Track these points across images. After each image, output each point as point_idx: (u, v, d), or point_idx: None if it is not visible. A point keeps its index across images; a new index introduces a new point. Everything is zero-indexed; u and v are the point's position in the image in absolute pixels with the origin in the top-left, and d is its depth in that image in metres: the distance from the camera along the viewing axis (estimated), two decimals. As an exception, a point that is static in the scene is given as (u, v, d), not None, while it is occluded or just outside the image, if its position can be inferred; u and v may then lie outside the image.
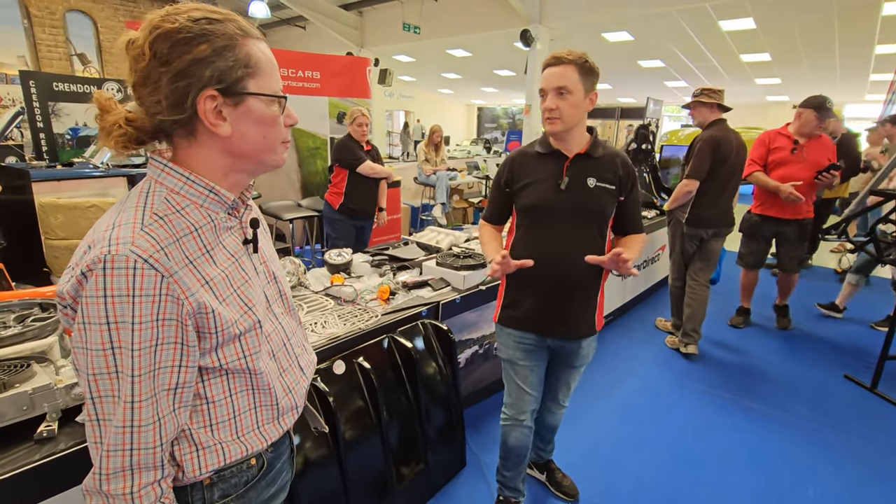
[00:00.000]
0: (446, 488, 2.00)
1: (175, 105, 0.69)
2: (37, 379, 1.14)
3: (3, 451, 1.04)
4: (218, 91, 0.70)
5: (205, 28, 0.68)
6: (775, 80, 12.04)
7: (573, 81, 1.40)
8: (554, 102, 1.41)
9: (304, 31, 12.18)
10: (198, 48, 0.68)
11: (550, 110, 1.42)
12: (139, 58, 0.67)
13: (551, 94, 1.42)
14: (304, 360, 0.95)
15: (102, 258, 0.62)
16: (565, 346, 1.61)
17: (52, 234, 3.53)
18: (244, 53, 0.71)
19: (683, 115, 18.53)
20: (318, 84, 4.87)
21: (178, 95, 0.68)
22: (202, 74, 0.68)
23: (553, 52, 1.44)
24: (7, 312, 1.42)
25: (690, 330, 3.18)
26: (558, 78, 1.40)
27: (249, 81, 0.72)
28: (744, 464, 2.21)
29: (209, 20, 0.69)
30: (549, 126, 1.45)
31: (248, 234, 0.83)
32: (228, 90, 0.70)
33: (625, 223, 1.59)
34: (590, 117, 1.56)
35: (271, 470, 0.89)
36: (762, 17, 7.35)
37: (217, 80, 0.69)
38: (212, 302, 0.71)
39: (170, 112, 0.69)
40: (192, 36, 0.67)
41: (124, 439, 0.66)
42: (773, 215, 3.33)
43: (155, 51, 0.67)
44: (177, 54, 0.67)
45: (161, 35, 0.67)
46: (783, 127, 3.37)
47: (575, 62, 1.40)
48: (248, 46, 0.72)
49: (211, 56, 0.68)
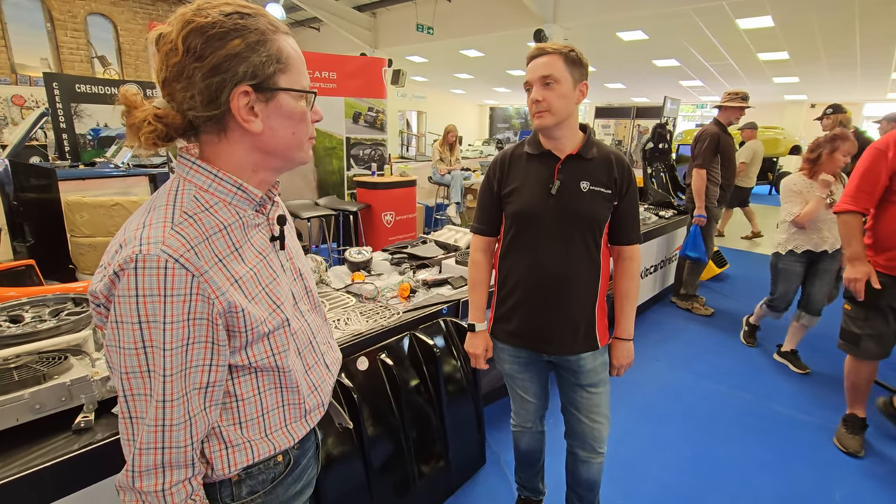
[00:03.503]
0: (466, 486, 2.00)
1: (209, 101, 0.68)
2: (74, 371, 1.16)
3: (44, 440, 1.07)
4: (251, 87, 0.69)
5: (237, 23, 0.68)
6: (793, 79, 11.83)
7: (559, 70, 1.29)
8: (540, 94, 1.30)
9: (319, 33, 12.29)
10: (231, 43, 0.67)
11: (537, 102, 1.31)
12: (172, 53, 0.66)
13: (537, 86, 1.31)
14: (329, 358, 0.95)
15: (134, 258, 0.62)
16: (564, 360, 1.47)
17: (77, 231, 3.61)
18: (276, 48, 0.71)
19: (698, 115, 18.33)
20: (335, 84, 4.91)
21: (212, 91, 0.67)
22: (237, 70, 0.67)
23: (534, 45, 1.36)
24: (42, 307, 1.46)
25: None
26: (543, 67, 1.30)
27: (281, 77, 0.72)
28: (768, 466, 2.18)
29: (241, 15, 0.68)
30: (538, 120, 1.33)
31: (275, 230, 0.83)
32: (261, 86, 0.70)
33: (620, 230, 1.43)
34: (605, 117, 1.50)
35: (297, 466, 0.89)
36: (781, 14, 7.23)
37: (251, 75, 0.68)
38: (241, 301, 0.71)
39: (204, 108, 0.68)
40: (225, 31, 0.67)
41: (156, 438, 0.66)
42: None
43: (188, 46, 0.66)
44: (211, 49, 0.66)
45: (194, 30, 0.66)
46: None
47: (559, 52, 1.30)
48: (279, 41, 0.72)
49: (245, 51, 0.68)
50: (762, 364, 3.15)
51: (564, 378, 1.53)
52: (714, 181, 3.60)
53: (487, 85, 16.71)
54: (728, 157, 3.61)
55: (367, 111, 5.22)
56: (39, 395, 1.08)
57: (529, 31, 7.98)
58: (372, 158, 5.34)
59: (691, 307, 3.99)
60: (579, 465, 1.60)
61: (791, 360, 3.10)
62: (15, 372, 1.10)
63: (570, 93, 1.32)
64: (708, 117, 17.76)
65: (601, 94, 16.06)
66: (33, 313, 1.41)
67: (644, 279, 3.82)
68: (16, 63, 8.91)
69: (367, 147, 5.33)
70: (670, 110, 8.48)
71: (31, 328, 1.29)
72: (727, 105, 3.55)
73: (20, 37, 8.91)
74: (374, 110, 5.26)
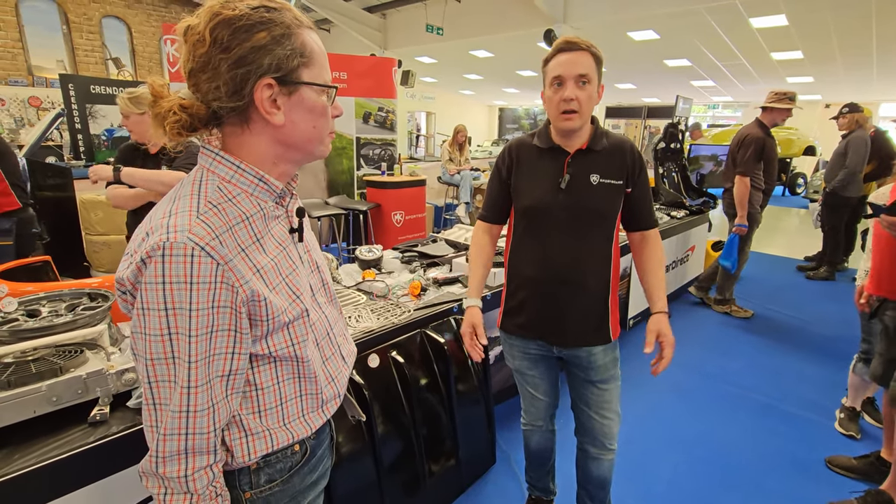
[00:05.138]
0: (476, 485, 2.00)
1: (234, 92, 0.69)
2: (90, 364, 1.17)
3: (60, 432, 1.08)
4: (275, 79, 0.70)
5: (264, 16, 0.69)
6: (808, 79, 11.68)
7: (592, 69, 1.25)
8: (574, 93, 1.24)
9: (329, 34, 12.35)
10: (257, 35, 0.68)
11: (569, 101, 1.25)
12: (199, 44, 0.68)
13: (572, 83, 1.25)
14: (345, 350, 0.95)
15: (161, 245, 0.63)
16: (575, 356, 1.45)
17: (92, 229, 3.66)
18: (300, 42, 0.72)
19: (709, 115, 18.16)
20: (345, 84, 4.94)
21: (237, 82, 0.68)
22: (261, 62, 0.68)
23: (564, 36, 1.30)
24: (58, 301, 1.48)
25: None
26: (578, 65, 1.24)
27: (304, 71, 0.73)
28: (783, 468, 2.15)
29: (267, 8, 0.70)
30: (567, 122, 1.28)
31: (294, 222, 0.84)
32: (284, 79, 0.71)
33: (635, 217, 1.42)
34: (615, 117, 1.48)
35: (313, 456, 0.90)
36: (795, 13, 7.14)
37: (275, 68, 0.70)
38: (263, 290, 0.72)
39: (228, 99, 0.69)
40: (252, 23, 0.68)
41: (180, 424, 0.67)
42: None
43: (215, 37, 0.67)
44: (237, 41, 0.67)
45: (222, 21, 0.67)
46: None
47: (590, 49, 1.26)
48: (304, 36, 0.73)
49: (270, 44, 0.69)
50: (776, 366, 3.10)
51: (575, 374, 1.51)
52: (758, 186, 3.42)
53: (497, 85, 16.69)
54: (771, 161, 3.42)
55: (378, 111, 5.24)
56: (56, 387, 1.09)
57: (539, 32, 7.96)
58: (382, 158, 5.36)
59: (729, 310, 3.90)
60: (590, 462, 1.58)
61: (870, 413, 2.50)
62: (33, 364, 1.11)
63: (595, 94, 1.31)
64: (720, 117, 17.58)
65: (612, 94, 15.96)
66: (50, 308, 1.43)
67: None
68: (33, 65, 9.06)
69: (377, 147, 5.35)
70: (682, 110, 8.40)
71: (47, 322, 1.30)
72: (773, 106, 3.37)
73: (37, 39, 9.07)
74: (384, 110, 5.27)
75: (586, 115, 1.30)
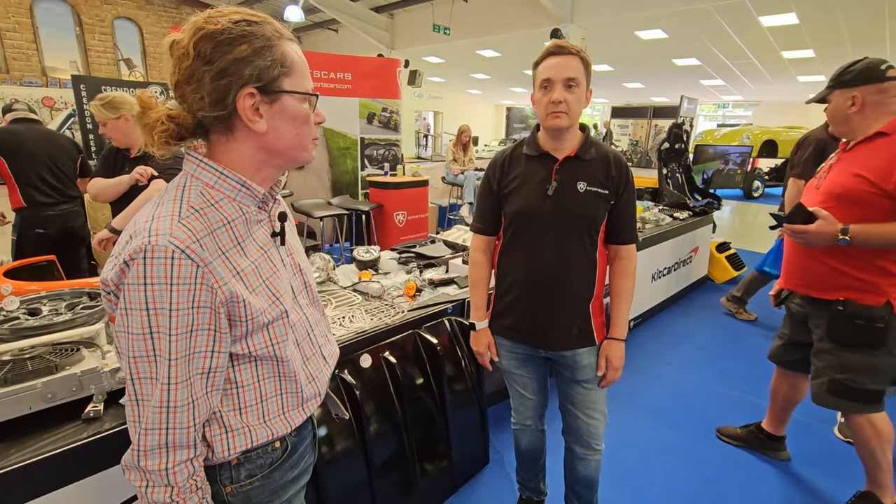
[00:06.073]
0: (469, 485, 2.01)
1: (217, 102, 0.72)
2: (85, 362, 1.21)
3: (54, 428, 1.12)
4: (256, 89, 0.73)
5: (245, 30, 0.73)
6: (819, 78, 11.51)
7: (580, 73, 1.30)
8: (563, 95, 1.29)
9: (337, 34, 12.42)
10: (239, 48, 0.72)
11: (558, 103, 1.30)
12: (183, 57, 0.71)
13: (560, 86, 1.30)
14: (326, 350, 0.98)
15: (143, 248, 0.66)
16: (561, 356, 1.48)
17: (98, 228, 3.72)
18: (280, 53, 0.75)
19: (720, 115, 17.96)
20: (350, 85, 4.97)
21: (220, 92, 0.72)
22: (242, 73, 0.72)
23: (554, 41, 1.35)
24: (59, 300, 1.52)
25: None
26: (568, 68, 1.29)
27: (285, 80, 0.76)
28: (781, 474, 2.14)
29: (248, 22, 0.74)
30: (555, 120, 1.32)
31: (276, 227, 0.87)
32: (266, 88, 0.74)
33: (616, 230, 1.43)
34: (622, 116, 1.49)
35: (294, 453, 0.92)
36: (805, 11, 7.05)
37: (256, 78, 0.73)
38: (242, 291, 0.75)
39: (212, 108, 0.73)
40: (233, 37, 0.72)
41: (160, 419, 0.70)
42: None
43: (199, 50, 0.71)
44: (219, 54, 0.71)
45: (204, 36, 0.71)
46: None
47: (579, 54, 1.31)
48: (284, 47, 0.76)
49: (251, 56, 0.72)
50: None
51: (561, 374, 1.54)
52: None
53: (504, 85, 16.67)
54: None
55: (381, 112, 5.27)
56: (51, 384, 1.13)
57: (546, 31, 7.94)
58: (385, 158, 5.39)
59: (735, 311, 3.85)
60: (576, 462, 1.60)
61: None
62: (29, 362, 1.15)
63: (583, 97, 1.34)
64: (730, 117, 17.37)
65: (619, 93, 15.86)
66: (50, 307, 1.47)
67: (657, 281, 3.77)
68: (46, 66, 9.21)
69: (381, 147, 5.38)
70: (687, 110, 8.33)
71: (47, 321, 1.34)
72: None
73: (51, 41, 9.21)
74: (388, 111, 5.30)
75: (574, 116, 1.34)
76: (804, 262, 1.75)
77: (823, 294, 1.71)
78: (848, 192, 1.60)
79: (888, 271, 1.58)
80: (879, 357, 1.63)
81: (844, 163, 1.67)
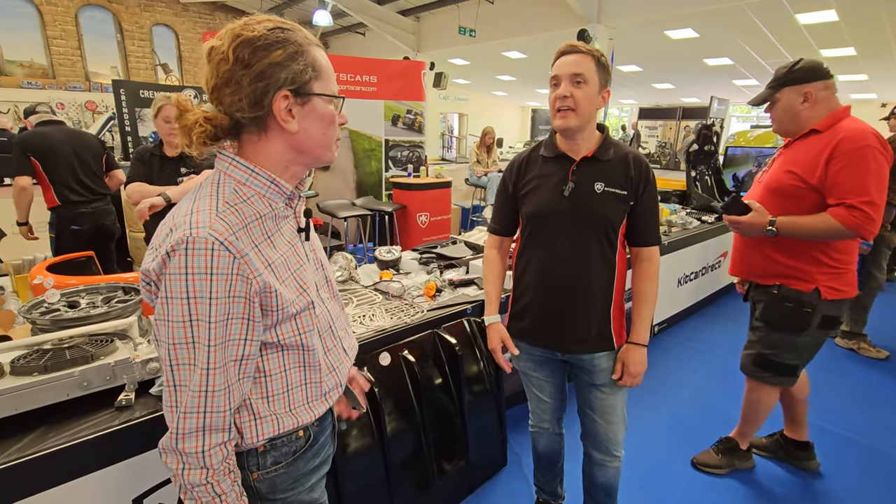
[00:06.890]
0: (486, 486, 2.01)
1: (254, 103, 0.77)
2: (118, 353, 1.27)
3: (89, 415, 1.18)
4: (290, 91, 0.78)
5: (279, 36, 0.77)
6: (861, 77, 11.02)
7: (590, 71, 1.28)
8: (568, 89, 1.27)
9: (364, 38, 12.60)
10: (274, 53, 0.76)
11: (564, 98, 1.28)
12: (222, 62, 0.75)
13: (566, 82, 1.28)
14: (346, 343, 1.02)
15: (185, 239, 0.70)
16: (578, 359, 1.46)
17: (135, 227, 3.88)
18: (311, 58, 0.80)
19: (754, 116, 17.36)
20: (375, 88, 5.04)
21: (257, 94, 0.76)
22: (279, 76, 0.77)
23: (567, 41, 1.34)
24: (95, 294, 1.60)
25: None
26: (574, 65, 1.28)
27: (315, 83, 0.81)
28: (809, 487, 2.06)
29: (281, 29, 0.79)
30: (561, 121, 1.30)
31: (301, 223, 0.91)
32: (298, 91, 0.79)
33: (637, 231, 1.40)
34: (649, 118, 1.47)
35: (316, 442, 0.96)
36: (845, 8, 6.76)
37: (290, 81, 0.78)
38: (274, 282, 0.79)
39: (249, 109, 0.77)
40: (269, 43, 0.76)
41: (199, 403, 0.74)
42: None
43: (237, 56, 0.75)
44: (257, 58, 0.75)
45: (243, 42, 0.75)
46: None
47: (591, 53, 1.29)
48: (313, 52, 0.81)
49: (285, 60, 0.77)
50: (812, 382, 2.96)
51: (579, 378, 1.52)
52: (892, 202, 2.97)
53: (529, 87, 16.55)
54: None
55: (406, 114, 5.32)
56: (87, 373, 1.19)
57: (573, 32, 7.84)
58: (409, 160, 5.44)
59: (857, 347, 3.33)
60: (595, 469, 1.57)
61: None
62: (68, 351, 1.22)
63: (596, 96, 1.32)
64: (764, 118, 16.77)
65: (648, 94, 15.54)
66: (88, 300, 1.55)
67: (683, 286, 3.68)
68: (89, 71, 9.66)
69: (406, 149, 5.43)
70: (717, 111, 8.10)
71: (84, 313, 1.42)
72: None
73: (94, 47, 9.67)
74: (412, 113, 5.35)
75: (584, 114, 1.30)
76: (748, 252, 1.90)
77: (763, 280, 1.85)
78: (781, 186, 1.73)
79: (818, 260, 1.70)
80: (801, 336, 1.78)
81: (782, 158, 1.79)
